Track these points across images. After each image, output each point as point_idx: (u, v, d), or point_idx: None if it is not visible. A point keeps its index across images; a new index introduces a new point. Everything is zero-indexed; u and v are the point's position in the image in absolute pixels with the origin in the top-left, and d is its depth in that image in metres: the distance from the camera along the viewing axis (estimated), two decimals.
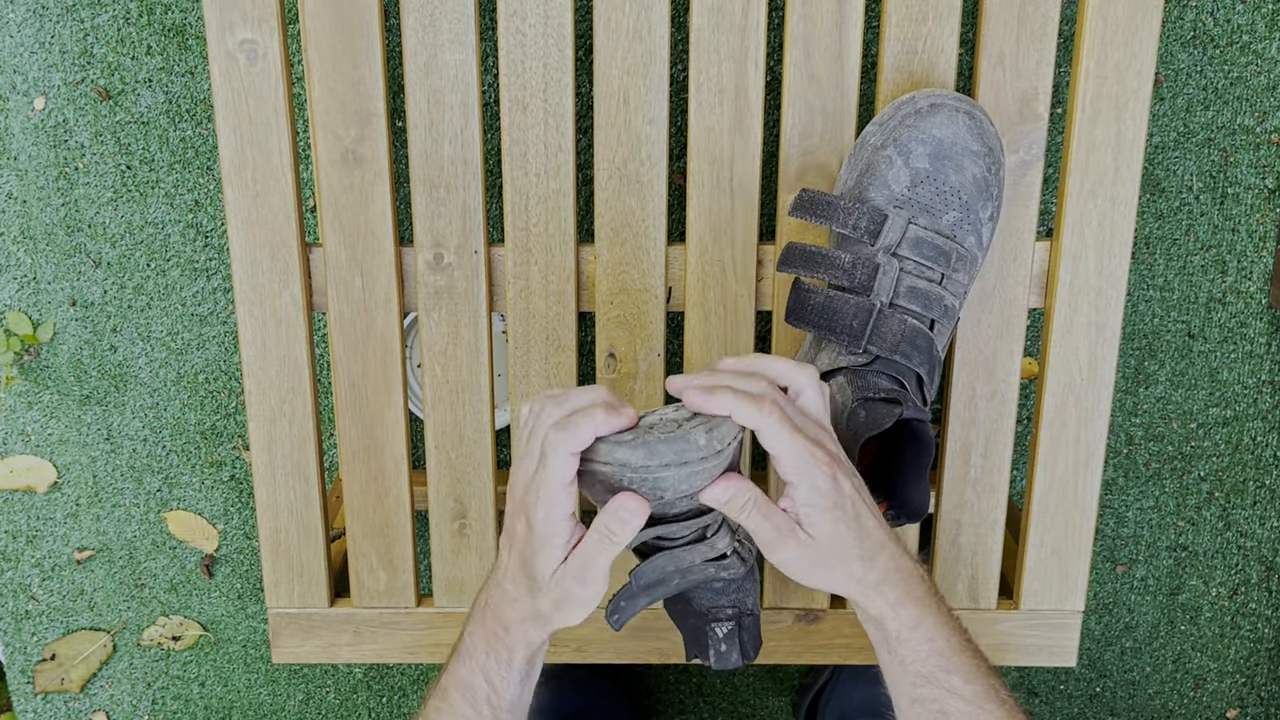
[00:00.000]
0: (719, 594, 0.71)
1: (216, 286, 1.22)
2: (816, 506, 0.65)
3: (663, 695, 1.39)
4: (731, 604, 0.71)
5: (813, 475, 0.64)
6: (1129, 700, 1.39)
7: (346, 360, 0.89)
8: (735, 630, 0.71)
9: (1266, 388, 1.24)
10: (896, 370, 0.76)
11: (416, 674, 1.39)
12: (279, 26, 0.81)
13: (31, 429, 1.27)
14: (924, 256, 0.76)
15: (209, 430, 1.27)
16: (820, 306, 0.77)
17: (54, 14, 1.13)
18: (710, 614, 0.71)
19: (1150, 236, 1.19)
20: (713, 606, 0.71)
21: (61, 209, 1.19)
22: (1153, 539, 1.31)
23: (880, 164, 0.77)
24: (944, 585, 0.94)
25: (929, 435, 0.74)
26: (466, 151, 0.84)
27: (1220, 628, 1.35)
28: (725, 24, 0.81)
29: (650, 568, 0.67)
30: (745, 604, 0.72)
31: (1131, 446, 1.27)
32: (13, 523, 1.31)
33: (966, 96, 0.79)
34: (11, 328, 1.23)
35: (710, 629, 0.71)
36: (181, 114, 1.16)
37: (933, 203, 0.77)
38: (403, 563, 0.94)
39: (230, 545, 1.32)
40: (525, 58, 0.82)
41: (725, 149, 0.84)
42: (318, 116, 0.83)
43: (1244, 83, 1.14)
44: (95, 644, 1.36)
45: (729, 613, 0.71)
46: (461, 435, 0.91)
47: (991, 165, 0.77)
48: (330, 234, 0.86)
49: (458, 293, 0.87)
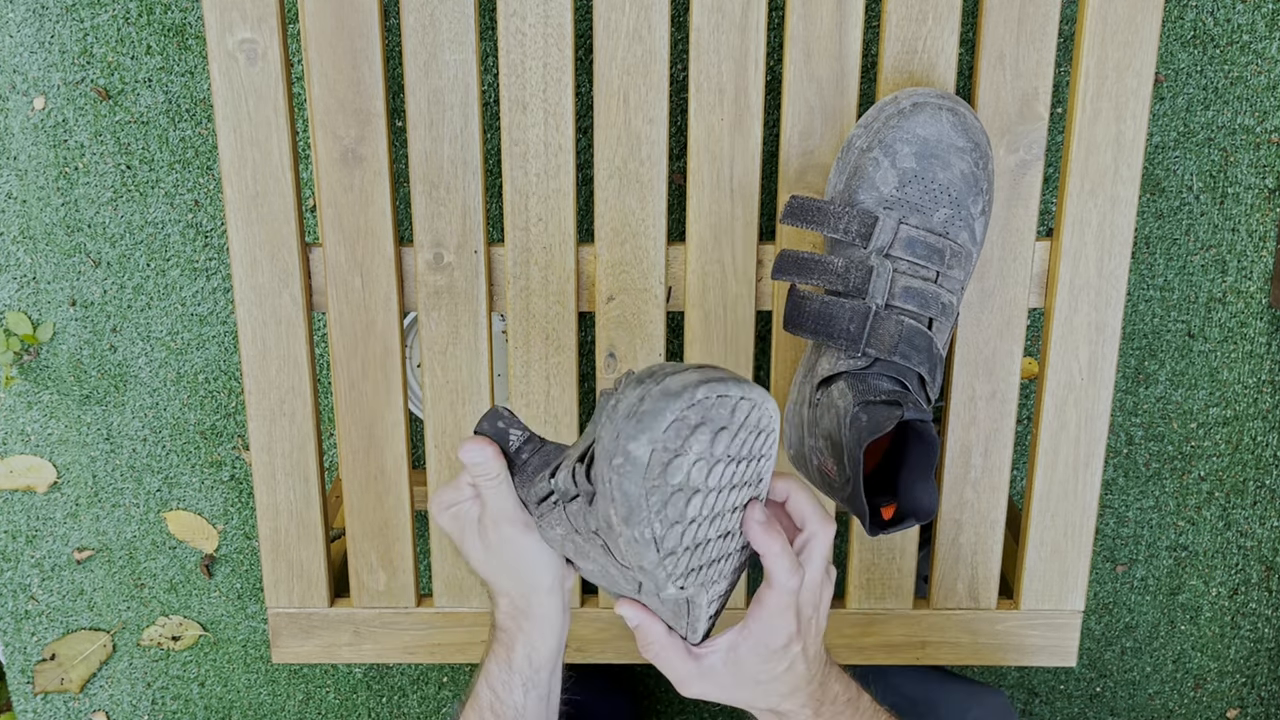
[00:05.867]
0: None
1: (216, 286, 1.22)
2: (756, 655, 0.65)
3: (663, 695, 1.39)
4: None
5: (774, 632, 0.65)
6: (1129, 700, 1.39)
7: (346, 360, 0.89)
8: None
9: (1266, 388, 1.24)
10: (897, 371, 0.76)
11: (416, 674, 1.39)
12: (279, 26, 0.81)
13: (31, 429, 1.27)
14: (917, 255, 0.76)
15: (209, 430, 1.27)
16: (817, 312, 0.77)
17: (54, 14, 1.13)
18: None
19: (1150, 236, 1.19)
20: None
21: (61, 209, 1.19)
22: (1153, 539, 1.31)
23: (867, 166, 0.78)
24: (944, 585, 0.94)
25: (932, 435, 0.74)
26: (466, 151, 0.84)
27: (1220, 628, 1.35)
28: (725, 24, 0.81)
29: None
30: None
31: (1131, 446, 1.27)
32: (12, 523, 1.31)
33: (949, 93, 0.79)
34: (11, 328, 1.22)
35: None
36: (181, 114, 1.16)
37: (922, 201, 0.77)
38: (403, 563, 0.94)
39: (230, 545, 1.32)
40: (525, 58, 0.82)
41: (725, 149, 0.84)
42: (318, 116, 0.83)
43: (1244, 83, 1.14)
44: (95, 644, 1.36)
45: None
46: (461, 435, 0.91)
47: (979, 160, 0.77)
48: (330, 234, 0.86)
49: (458, 293, 0.87)
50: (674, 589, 0.62)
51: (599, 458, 0.59)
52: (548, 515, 0.67)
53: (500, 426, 0.69)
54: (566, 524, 0.65)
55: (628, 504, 0.57)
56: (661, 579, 0.61)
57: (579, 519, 0.63)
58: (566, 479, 0.63)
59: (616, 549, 0.61)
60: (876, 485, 0.80)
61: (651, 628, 0.65)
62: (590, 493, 0.61)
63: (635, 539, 0.58)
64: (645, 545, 0.58)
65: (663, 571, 0.60)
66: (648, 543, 0.58)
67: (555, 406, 0.90)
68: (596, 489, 0.60)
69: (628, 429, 0.56)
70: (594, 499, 0.61)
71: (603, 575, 0.66)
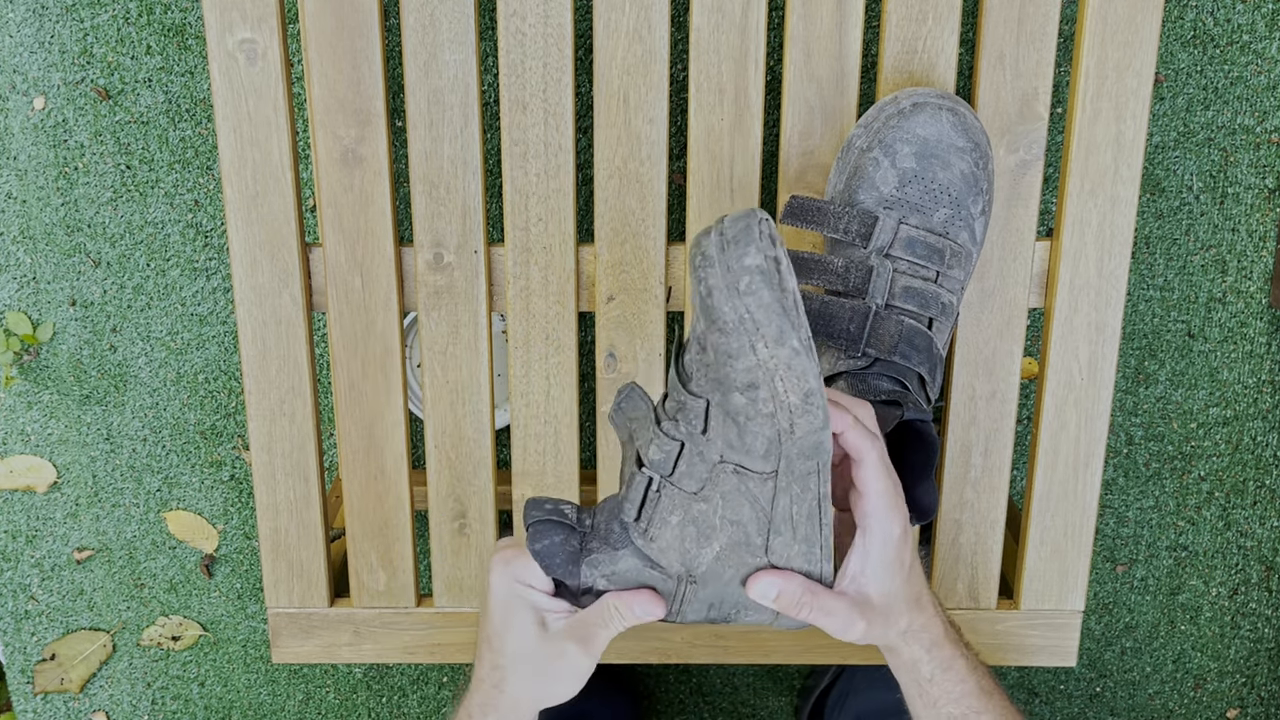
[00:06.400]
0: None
1: (216, 286, 1.22)
2: (883, 560, 0.64)
3: (663, 695, 1.39)
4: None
5: (890, 524, 0.64)
6: (1129, 700, 1.39)
7: (346, 360, 0.89)
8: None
9: (1266, 388, 1.24)
10: (897, 371, 0.76)
11: (416, 674, 1.39)
12: (279, 26, 0.81)
13: (31, 429, 1.27)
14: (917, 256, 0.76)
15: (209, 430, 1.27)
16: (816, 312, 0.77)
17: (54, 14, 1.13)
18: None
19: (1150, 236, 1.19)
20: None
21: (61, 209, 1.19)
22: (1153, 539, 1.31)
23: (867, 166, 0.78)
24: (944, 585, 0.94)
25: (932, 435, 0.74)
26: (466, 151, 0.84)
27: (1220, 628, 1.35)
28: (725, 24, 0.81)
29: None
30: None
31: (1131, 446, 1.27)
32: (12, 523, 1.31)
33: (949, 93, 0.79)
34: (11, 328, 1.22)
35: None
36: (181, 114, 1.16)
37: (922, 201, 0.77)
38: (403, 563, 0.94)
39: (230, 545, 1.32)
40: (525, 58, 0.82)
41: (725, 149, 0.84)
42: (318, 116, 0.83)
43: (1244, 83, 1.14)
44: (95, 644, 1.36)
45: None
46: (461, 435, 0.91)
47: (979, 160, 0.77)
48: (330, 234, 0.86)
49: (458, 292, 0.87)
50: (817, 423, 0.59)
51: (715, 311, 0.57)
52: (654, 524, 0.64)
53: (549, 507, 0.67)
54: (678, 497, 0.63)
55: (771, 318, 0.56)
56: (816, 415, 0.59)
57: (697, 461, 0.61)
58: (669, 430, 0.61)
59: (770, 408, 0.59)
60: None
61: (791, 585, 0.63)
62: (703, 402, 0.60)
63: (796, 351, 0.57)
64: (806, 356, 0.57)
65: (817, 403, 0.58)
66: (807, 350, 0.57)
67: (555, 406, 0.90)
68: (719, 351, 0.58)
69: (734, 254, 0.56)
70: (709, 407, 0.60)
71: (734, 551, 0.63)
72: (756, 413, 0.59)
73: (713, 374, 0.59)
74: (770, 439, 0.60)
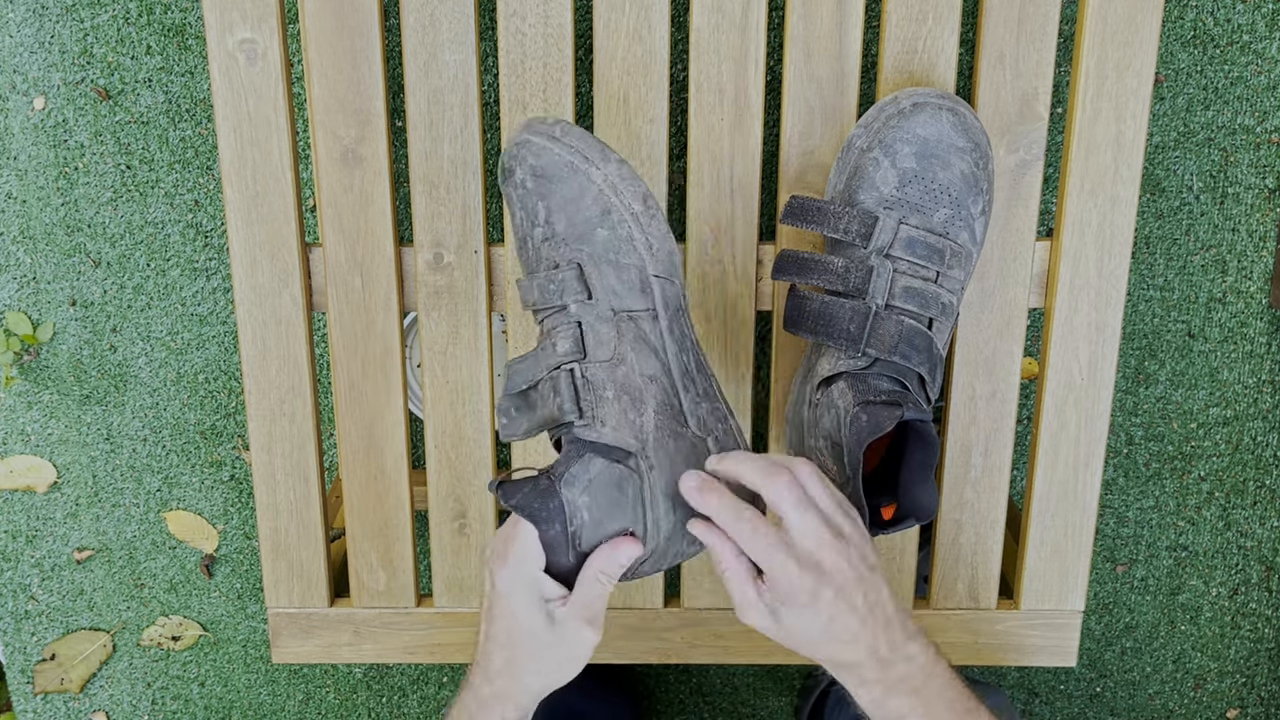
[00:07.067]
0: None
1: (216, 286, 1.22)
2: (790, 612, 0.67)
3: (662, 695, 1.39)
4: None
5: (792, 593, 0.66)
6: (1129, 700, 1.39)
7: (346, 360, 0.89)
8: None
9: (1266, 388, 1.24)
10: (897, 371, 0.76)
11: (416, 674, 1.39)
12: (279, 26, 0.81)
13: (31, 429, 1.27)
14: (917, 256, 0.76)
15: (209, 430, 1.27)
16: (816, 312, 0.77)
17: (54, 14, 1.13)
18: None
19: (1150, 236, 1.19)
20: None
21: (61, 209, 1.19)
22: (1153, 539, 1.31)
23: (867, 166, 0.77)
24: (944, 585, 0.94)
25: (932, 435, 0.74)
26: (466, 151, 0.84)
27: (1220, 628, 1.35)
28: (725, 24, 0.81)
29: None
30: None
31: (1131, 446, 1.27)
32: (13, 523, 1.31)
33: (949, 93, 0.79)
34: (11, 328, 1.23)
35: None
36: (181, 114, 1.16)
37: (922, 201, 0.77)
38: (403, 563, 0.94)
39: (230, 545, 1.32)
40: (525, 58, 0.82)
41: (725, 149, 0.84)
42: (318, 116, 0.83)
43: (1244, 83, 1.14)
44: (95, 644, 1.36)
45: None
46: (461, 435, 0.91)
47: (979, 160, 0.77)
48: (330, 234, 0.86)
49: (458, 292, 0.87)
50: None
51: (545, 171, 0.70)
52: (597, 407, 0.68)
53: (511, 476, 0.70)
54: (601, 371, 0.68)
55: (591, 144, 0.68)
56: (660, 220, 0.69)
57: (599, 326, 0.67)
58: (560, 321, 0.70)
59: (626, 230, 0.69)
60: (876, 485, 0.80)
61: (724, 547, 0.67)
62: (575, 268, 0.68)
63: (621, 162, 0.68)
64: (629, 166, 0.69)
65: (653, 205, 0.69)
66: (627, 163, 0.69)
67: None
68: (565, 205, 0.68)
69: (534, 128, 0.70)
70: (582, 269, 0.68)
71: (665, 417, 0.69)
72: (619, 239, 0.67)
73: (571, 234, 0.67)
74: (639, 267, 0.68)
